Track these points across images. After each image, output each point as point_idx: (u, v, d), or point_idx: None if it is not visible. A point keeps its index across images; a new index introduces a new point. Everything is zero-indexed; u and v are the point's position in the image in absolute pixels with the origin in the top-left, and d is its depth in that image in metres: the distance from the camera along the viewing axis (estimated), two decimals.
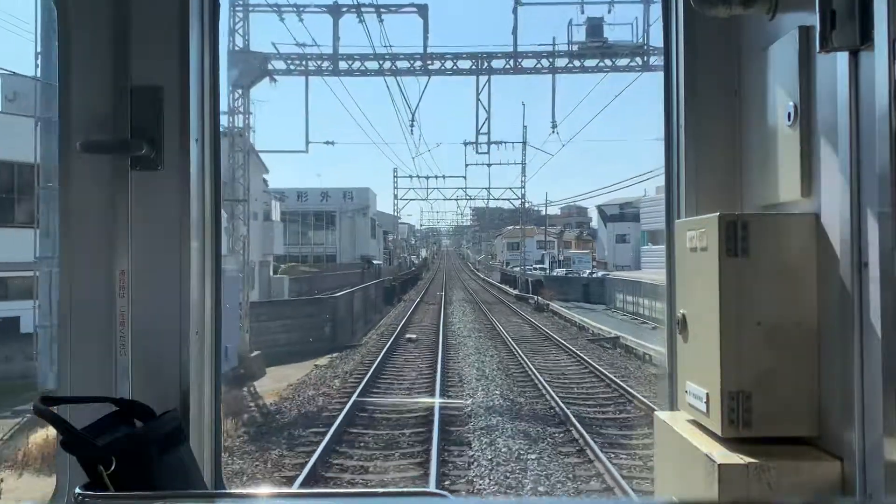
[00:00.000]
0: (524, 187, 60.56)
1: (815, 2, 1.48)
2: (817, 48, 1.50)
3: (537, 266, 71.00)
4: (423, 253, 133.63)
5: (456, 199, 65.88)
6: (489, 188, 67.46)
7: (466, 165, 67.22)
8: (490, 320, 34.32)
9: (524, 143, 53.03)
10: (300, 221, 62.97)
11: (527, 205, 64.30)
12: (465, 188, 62.76)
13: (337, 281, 44.15)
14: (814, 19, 1.50)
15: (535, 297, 45.84)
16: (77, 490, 1.55)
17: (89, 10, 1.95)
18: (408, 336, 27.54)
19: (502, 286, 65.29)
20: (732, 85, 2.07)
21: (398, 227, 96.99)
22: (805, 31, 1.69)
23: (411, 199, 65.36)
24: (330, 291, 34.05)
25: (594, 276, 55.28)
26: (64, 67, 1.95)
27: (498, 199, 64.41)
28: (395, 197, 65.00)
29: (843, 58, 1.49)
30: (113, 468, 1.57)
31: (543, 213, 73.11)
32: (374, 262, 62.76)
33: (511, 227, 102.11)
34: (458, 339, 27.65)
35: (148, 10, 1.95)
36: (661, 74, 2.24)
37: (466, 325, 32.87)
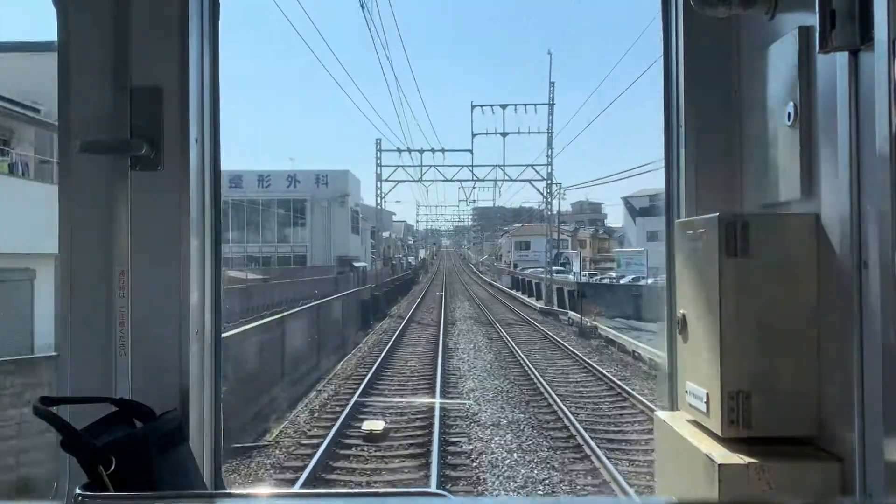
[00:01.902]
0: (551, 164, 45.93)
1: (814, 2, 1.48)
2: (817, 48, 1.50)
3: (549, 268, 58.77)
4: (422, 253, 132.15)
5: (459, 181, 48.78)
6: (504, 166, 46.60)
7: (473, 135, 44.57)
8: (523, 365, 19.72)
9: None
10: (261, 211, 49.72)
11: (554, 187, 48.55)
12: (472, 166, 46.39)
13: (293, 292, 30.70)
14: (813, 19, 1.50)
15: (570, 312, 32.98)
16: (77, 490, 1.55)
17: (89, 10, 1.96)
18: (367, 427, 12.83)
19: (514, 293, 53.75)
20: (732, 85, 2.07)
21: (391, 224, 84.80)
22: (805, 31, 1.69)
23: (400, 181, 49.12)
24: (277, 310, 22.21)
25: (642, 281, 40.67)
26: (63, 67, 1.95)
27: (515, 181, 47.61)
28: (379, 177, 47.74)
29: (842, 58, 1.49)
30: (113, 468, 1.57)
31: (556, 207, 56.27)
32: (357, 264, 50.77)
33: (518, 225, 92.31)
34: (472, 428, 13.13)
35: (148, 11, 1.95)
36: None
37: (483, 379, 18.00)
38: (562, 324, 32.14)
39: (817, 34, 1.48)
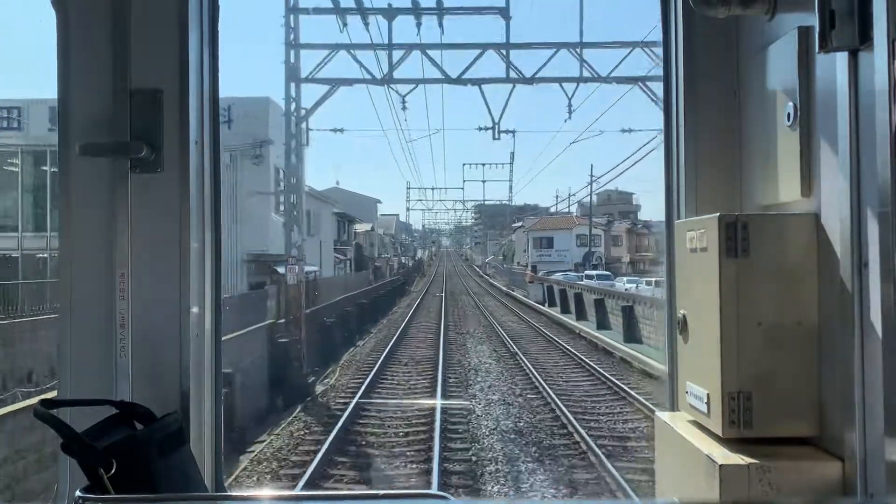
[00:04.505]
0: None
1: (814, 2, 1.48)
2: (816, 48, 1.50)
3: (588, 273, 41.17)
4: (420, 254, 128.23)
5: (478, 83, 21.80)
6: (581, 46, 20.89)
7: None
8: None
9: None
10: None
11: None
12: (507, 47, 21.52)
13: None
14: (813, 19, 1.50)
15: None
16: (77, 493, 1.55)
17: (88, 12, 1.96)
18: None
19: (557, 315, 35.61)
20: (732, 85, 2.07)
21: (375, 216, 72.16)
22: (804, 32, 1.69)
23: (342, 81, 21.09)
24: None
25: None
26: (63, 70, 1.95)
27: (607, 80, 21.99)
28: (293, 74, 22.57)
29: (842, 58, 1.49)
30: (113, 471, 1.57)
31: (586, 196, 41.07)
32: (299, 269, 24.92)
33: (536, 217, 78.49)
34: None
35: (147, 13, 1.95)
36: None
37: None
38: None
39: (817, 34, 1.49)
